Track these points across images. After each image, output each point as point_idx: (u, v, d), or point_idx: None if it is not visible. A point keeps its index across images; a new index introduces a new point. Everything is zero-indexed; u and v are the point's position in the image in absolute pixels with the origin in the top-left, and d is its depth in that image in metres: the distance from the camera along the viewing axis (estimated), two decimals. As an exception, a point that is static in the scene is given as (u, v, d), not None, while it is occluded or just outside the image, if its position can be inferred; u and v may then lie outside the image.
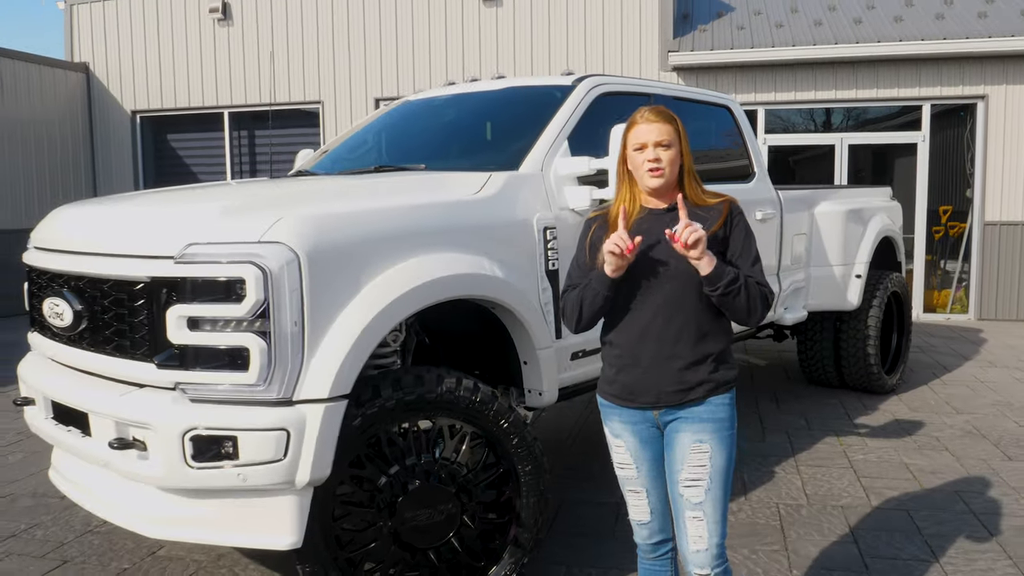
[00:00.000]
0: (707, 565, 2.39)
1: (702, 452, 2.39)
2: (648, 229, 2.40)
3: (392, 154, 4.27)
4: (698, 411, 2.40)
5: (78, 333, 3.00)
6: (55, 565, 3.64)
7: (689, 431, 2.40)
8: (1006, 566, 3.48)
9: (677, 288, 2.39)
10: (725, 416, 2.42)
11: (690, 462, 2.39)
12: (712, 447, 2.39)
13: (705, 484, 2.38)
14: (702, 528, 2.38)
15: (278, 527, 2.73)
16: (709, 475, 2.37)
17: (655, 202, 2.47)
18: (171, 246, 2.69)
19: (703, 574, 2.40)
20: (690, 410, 2.41)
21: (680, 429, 2.42)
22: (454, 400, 2.98)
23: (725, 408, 2.42)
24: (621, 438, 2.51)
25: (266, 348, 2.60)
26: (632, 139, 2.42)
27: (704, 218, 2.40)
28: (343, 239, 2.76)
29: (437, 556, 2.97)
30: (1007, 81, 9.72)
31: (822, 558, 3.58)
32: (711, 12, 11.05)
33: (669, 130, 2.39)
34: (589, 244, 2.50)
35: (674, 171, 2.41)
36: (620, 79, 4.37)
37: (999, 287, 9.98)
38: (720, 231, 2.43)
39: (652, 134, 2.38)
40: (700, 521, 2.38)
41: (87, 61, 12.57)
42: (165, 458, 2.67)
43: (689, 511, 2.39)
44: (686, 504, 2.40)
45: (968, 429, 5.45)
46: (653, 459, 2.50)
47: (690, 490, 2.38)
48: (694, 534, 2.39)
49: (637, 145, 2.40)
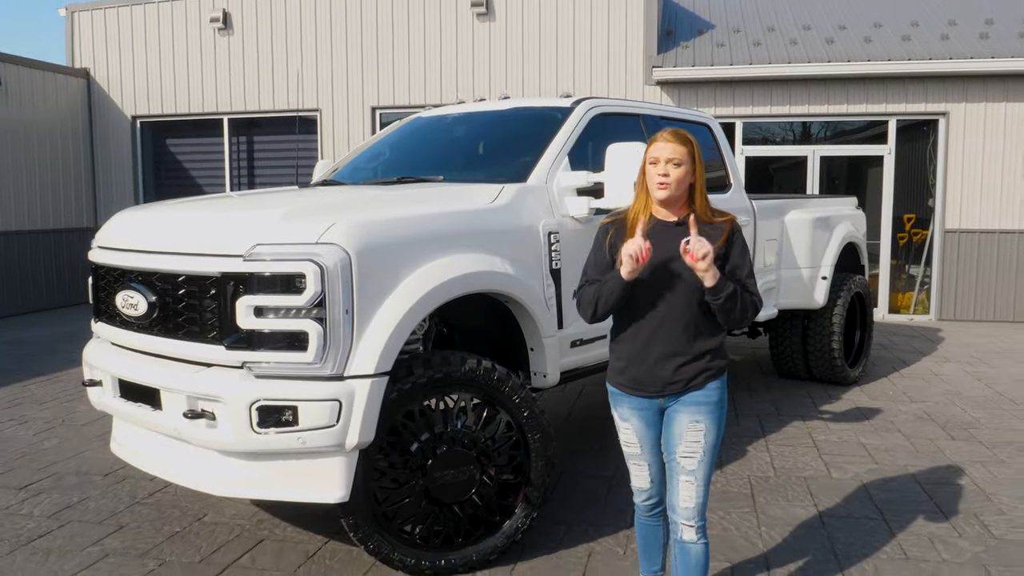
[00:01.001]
0: (692, 518, 2.82)
1: (698, 430, 2.79)
2: (657, 239, 2.73)
3: (410, 167, 4.77)
4: (696, 396, 2.81)
5: (150, 321, 3.49)
6: (113, 530, 4.11)
7: (687, 413, 2.80)
8: (940, 521, 4.05)
9: (682, 294, 2.76)
10: (718, 399, 2.82)
11: (687, 439, 2.80)
12: (706, 426, 2.80)
13: (699, 456, 2.79)
14: (692, 489, 2.81)
15: (329, 484, 3.24)
16: (703, 448, 2.79)
17: (665, 213, 2.81)
18: (240, 246, 3.19)
19: (689, 524, 2.83)
20: (690, 395, 2.81)
21: (679, 411, 2.82)
22: (475, 378, 3.50)
23: (718, 392, 2.82)
24: (629, 422, 2.91)
25: (322, 332, 3.11)
26: (650, 154, 2.76)
27: (709, 234, 2.72)
28: (385, 241, 3.28)
29: (461, 510, 3.49)
30: (966, 99, 10.39)
31: (786, 518, 4.15)
32: (693, 29, 11.66)
33: (682, 151, 2.72)
34: (608, 245, 2.84)
35: (681, 187, 2.74)
36: (613, 101, 4.92)
37: (958, 290, 10.65)
38: (723, 247, 2.75)
39: (666, 152, 2.71)
40: (691, 484, 2.81)
41: (88, 67, 12.95)
42: (234, 426, 3.17)
43: (683, 476, 2.81)
44: (681, 470, 2.81)
45: (920, 415, 6.05)
46: (654, 439, 2.91)
47: (686, 460, 2.80)
48: (685, 494, 2.81)
49: (652, 159, 2.75)
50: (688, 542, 2.85)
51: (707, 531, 2.89)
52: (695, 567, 2.85)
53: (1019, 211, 10.41)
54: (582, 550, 3.79)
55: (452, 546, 3.54)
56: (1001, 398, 6.58)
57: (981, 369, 7.68)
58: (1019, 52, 10.07)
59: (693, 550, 2.85)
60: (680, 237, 2.69)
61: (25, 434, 5.75)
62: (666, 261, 2.75)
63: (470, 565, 3.54)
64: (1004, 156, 10.39)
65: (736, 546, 3.82)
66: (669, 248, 2.73)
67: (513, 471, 3.61)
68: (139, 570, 3.65)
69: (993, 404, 6.38)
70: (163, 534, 4.05)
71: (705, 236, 2.69)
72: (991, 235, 10.50)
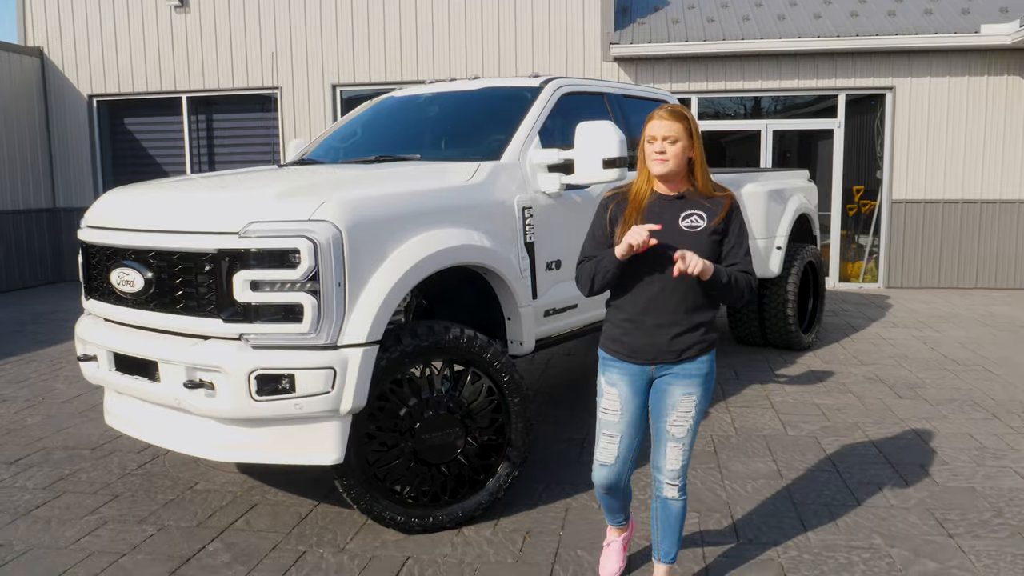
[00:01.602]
0: (676, 478, 2.98)
1: (690, 401, 2.92)
2: (659, 212, 2.86)
3: (386, 145, 4.93)
4: (688, 367, 2.92)
5: (146, 297, 3.64)
6: (108, 499, 4.26)
7: (680, 385, 2.92)
8: (888, 472, 4.39)
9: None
10: (708, 371, 2.95)
11: (680, 409, 2.92)
12: (698, 396, 2.93)
13: (689, 425, 2.94)
14: (679, 453, 2.96)
15: (324, 447, 3.44)
16: (692, 417, 2.94)
17: (665, 188, 2.90)
18: (235, 224, 3.35)
19: (672, 484, 2.98)
20: (682, 367, 2.91)
21: (671, 383, 2.93)
22: (458, 346, 3.72)
23: (708, 364, 2.95)
24: (616, 387, 2.99)
25: (316, 304, 3.29)
26: (647, 131, 2.85)
27: (708, 208, 2.86)
28: (373, 217, 3.46)
29: (447, 470, 3.72)
30: (912, 74, 10.80)
31: (747, 471, 4.45)
32: (648, 6, 11.88)
33: (678, 127, 2.80)
34: (609, 219, 2.94)
35: (679, 162, 2.83)
36: (579, 80, 5.13)
37: (904, 258, 11.12)
38: (720, 224, 2.86)
39: (662, 129, 2.80)
40: (678, 449, 2.96)
41: (41, 45, 12.74)
42: (233, 394, 3.35)
43: (672, 442, 2.95)
44: (670, 438, 2.95)
45: (870, 376, 6.43)
46: (637, 408, 2.99)
47: (676, 428, 2.93)
48: (672, 457, 2.96)
49: (649, 137, 2.84)
50: (669, 499, 3.02)
51: (687, 489, 3.10)
52: (674, 521, 3.05)
53: (962, 181, 10.89)
54: (559, 505, 4.05)
55: (439, 504, 3.76)
56: (945, 359, 6.99)
57: (926, 333, 8.11)
58: (962, 28, 10.49)
59: (674, 507, 3.03)
60: (679, 211, 2.85)
61: (6, 412, 5.83)
62: (667, 237, 2.82)
63: (456, 521, 3.77)
64: (948, 128, 10.84)
65: (702, 498, 4.12)
66: (668, 221, 2.84)
67: (495, 433, 3.84)
68: (139, 535, 3.81)
69: (937, 365, 6.78)
70: (157, 502, 4.21)
71: (704, 211, 2.85)
72: (936, 205, 10.97)
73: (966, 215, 10.93)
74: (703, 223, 2.86)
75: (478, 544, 3.65)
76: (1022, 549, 3.52)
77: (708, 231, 2.85)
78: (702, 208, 2.85)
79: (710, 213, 2.85)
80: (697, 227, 2.86)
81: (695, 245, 2.81)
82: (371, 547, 3.64)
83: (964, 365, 6.78)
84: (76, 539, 3.79)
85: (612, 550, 3.36)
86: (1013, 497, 4.07)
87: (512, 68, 11.32)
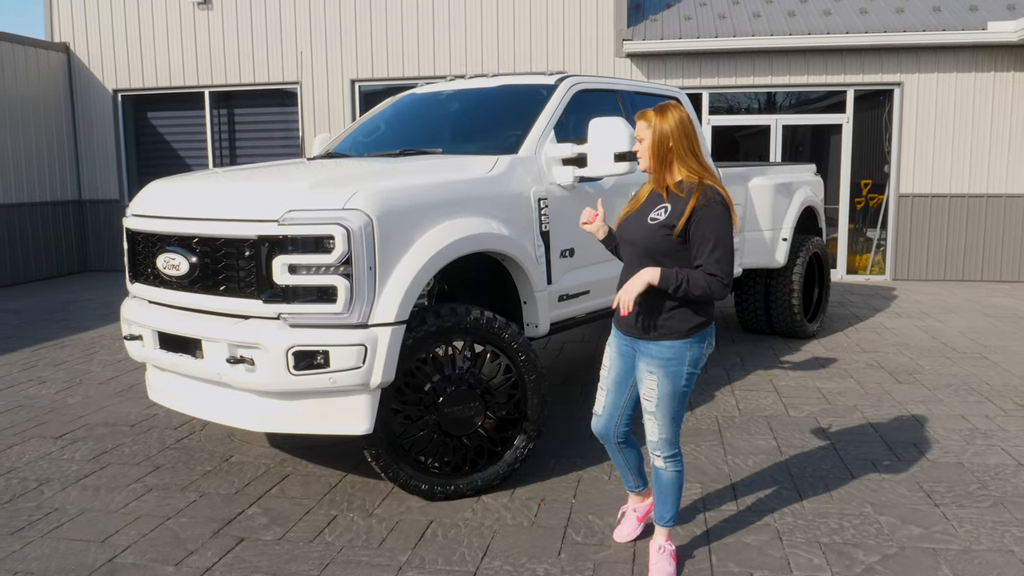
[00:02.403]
0: (657, 449, 3.20)
1: (651, 380, 3.12)
2: (645, 204, 3.15)
3: (409, 140, 5.21)
4: (651, 349, 3.12)
5: (191, 280, 3.94)
6: (151, 469, 4.58)
7: (644, 363, 3.15)
8: (882, 449, 4.65)
9: (638, 254, 3.10)
10: (670, 356, 3.06)
11: (644, 385, 3.16)
12: (659, 379, 3.10)
13: (655, 402, 3.13)
14: (654, 425, 3.18)
15: (355, 418, 3.73)
16: (657, 396, 3.12)
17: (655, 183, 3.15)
18: (274, 212, 3.64)
19: (656, 454, 3.21)
20: (647, 346, 3.13)
21: (639, 358, 3.18)
22: (479, 327, 4.00)
23: (671, 350, 3.06)
24: (610, 347, 3.37)
25: (349, 286, 3.58)
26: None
27: (674, 205, 3.03)
28: (401, 206, 3.75)
29: (468, 441, 4.01)
30: (920, 70, 10.99)
31: (749, 448, 4.72)
32: (660, 3, 12.10)
33: (641, 126, 3.09)
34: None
35: (650, 160, 3.08)
36: (592, 78, 5.39)
37: (911, 251, 11.33)
38: (678, 222, 2.99)
39: (636, 132, 3.15)
40: (652, 422, 3.17)
41: (67, 41, 13.09)
42: (272, 369, 3.64)
43: (646, 414, 3.19)
44: (644, 409, 3.19)
45: (871, 363, 6.68)
46: (621, 368, 3.31)
47: (646, 402, 3.17)
48: (650, 429, 3.20)
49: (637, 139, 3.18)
50: (657, 468, 3.25)
51: (680, 462, 3.23)
52: (664, 488, 3.26)
53: (968, 176, 11.08)
54: (572, 477, 4.33)
55: (460, 473, 4.05)
56: (945, 348, 7.22)
57: (929, 323, 8.34)
58: (969, 24, 10.67)
59: (663, 475, 3.24)
60: (653, 204, 3.11)
61: (47, 392, 6.16)
62: (631, 223, 3.16)
63: (476, 489, 4.06)
64: (954, 124, 11.02)
65: (706, 470, 4.39)
66: (643, 211, 3.13)
67: (512, 408, 4.13)
68: (183, 501, 4.12)
69: (937, 353, 7.02)
70: (197, 472, 4.52)
71: (671, 207, 3.03)
72: (942, 199, 11.17)
73: (972, 209, 11.12)
74: (661, 218, 3.04)
75: (496, 510, 3.93)
76: (1002, 517, 3.78)
77: (659, 225, 3.03)
78: (669, 203, 3.05)
79: (672, 210, 3.03)
80: (656, 221, 3.05)
81: (647, 237, 3.06)
82: (397, 512, 3.94)
83: (963, 353, 7.01)
84: (124, 504, 4.10)
85: (627, 518, 3.62)
86: (999, 472, 4.32)
87: (527, 64, 11.58)
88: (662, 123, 3.03)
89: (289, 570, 3.39)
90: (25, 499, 4.18)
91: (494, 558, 3.47)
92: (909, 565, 3.34)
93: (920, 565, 3.34)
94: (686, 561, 3.41)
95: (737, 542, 3.57)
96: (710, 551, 3.50)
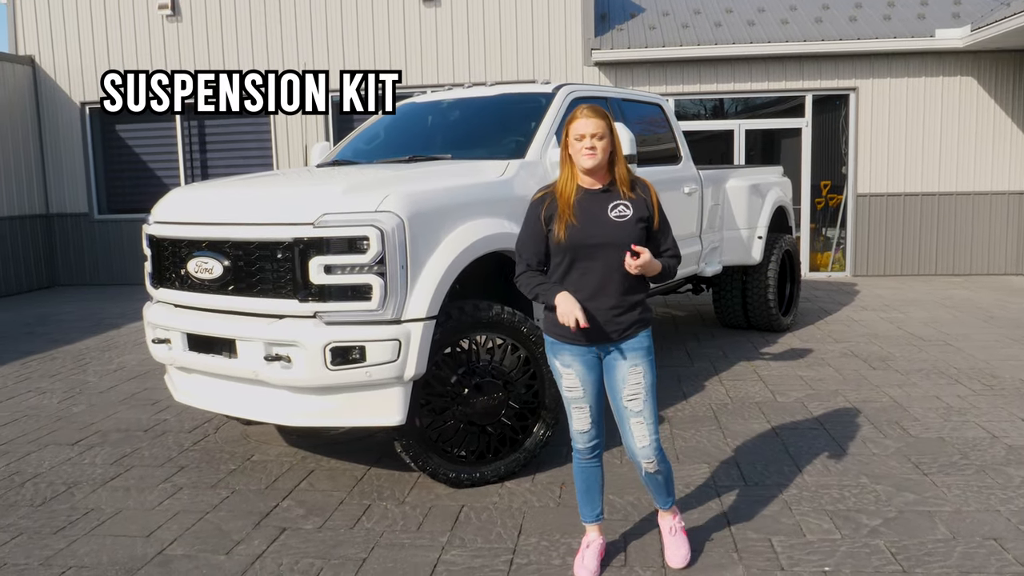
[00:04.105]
0: (651, 456, 3.17)
1: (638, 373, 3.13)
2: (587, 206, 3.09)
3: (414, 146, 5.42)
4: (631, 343, 3.14)
5: (223, 283, 4.10)
6: (176, 471, 4.71)
7: (626, 360, 3.14)
8: (868, 428, 5.00)
9: (612, 254, 3.06)
10: (648, 344, 3.18)
11: (630, 382, 3.13)
12: (644, 368, 3.14)
13: (643, 396, 3.13)
14: (644, 429, 3.15)
15: (389, 411, 3.93)
16: (644, 388, 3.13)
17: (590, 181, 3.12)
18: (309, 215, 3.84)
19: (649, 463, 3.18)
20: (625, 343, 3.14)
21: (618, 359, 3.15)
22: (500, 322, 4.24)
23: (648, 339, 3.18)
24: (571, 367, 3.18)
25: (383, 284, 3.79)
26: (573, 131, 3.05)
27: (632, 198, 3.11)
28: (429, 208, 3.98)
29: (492, 430, 4.24)
30: (873, 75, 11.53)
31: (746, 431, 5.04)
32: (625, 13, 12.49)
33: (603, 124, 3.03)
34: (545, 217, 3.15)
35: (605, 156, 3.07)
36: (585, 86, 5.69)
37: (869, 248, 11.86)
38: (645, 212, 3.12)
39: (589, 127, 3.01)
40: (642, 423, 3.14)
41: (33, 54, 12.98)
42: (309, 365, 3.83)
43: (633, 418, 3.15)
44: (630, 413, 3.14)
45: (845, 352, 7.07)
46: (595, 380, 3.21)
47: (632, 402, 3.13)
48: (639, 435, 3.15)
49: (577, 135, 3.04)
50: (652, 473, 3.24)
51: (666, 457, 3.27)
52: (664, 485, 3.33)
53: (921, 175, 11.65)
54: (586, 462, 4.59)
55: (484, 461, 4.28)
56: (911, 336, 7.66)
57: (893, 315, 8.79)
58: (918, 32, 11.24)
59: (659, 475, 3.27)
60: (605, 203, 3.10)
61: (50, 402, 6.22)
62: (595, 226, 3.06)
63: (500, 476, 4.29)
64: (907, 126, 11.59)
65: (711, 453, 4.68)
66: (597, 212, 3.09)
67: (531, 397, 4.37)
68: (216, 498, 4.27)
69: (905, 342, 7.45)
70: (223, 471, 4.66)
71: (629, 201, 3.10)
72: (897, 198, 11.72)
73: (925, 207, 11.69)
74: (629, 212, 3.09)
75: (521, 494, 4.17)
76: (985, 482, 4.13)
77: (635, 219, 3.09)
78: (627, 199, 3.10)
79: (635, 203, 3.10)
80: (625, 216, 3.08)
81: (626, 234, 3.06)
82: (427, 499, 4.15)
83: (928, 341, 7.45)
84: (159, 502, 4.24)
85: (591, 552, 3.36)
86: (976, 444, 4.70)
87: (499, 73, 11.85)
88: (611, 121, 3.11)
89: (337, 554, 3.59)
90: (57, 501, 4.29)
91: (529, 535, 3.70)
92: (909, 526, 3.67)
93: (919, 526, 3.66)
94: (711, 533, 3.68)
95: (751, 513, 3.86)
96: (728, 521, 3.78)
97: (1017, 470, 4.29)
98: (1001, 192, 11.59)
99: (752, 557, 3.44)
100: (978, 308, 9.07)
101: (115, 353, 7.90)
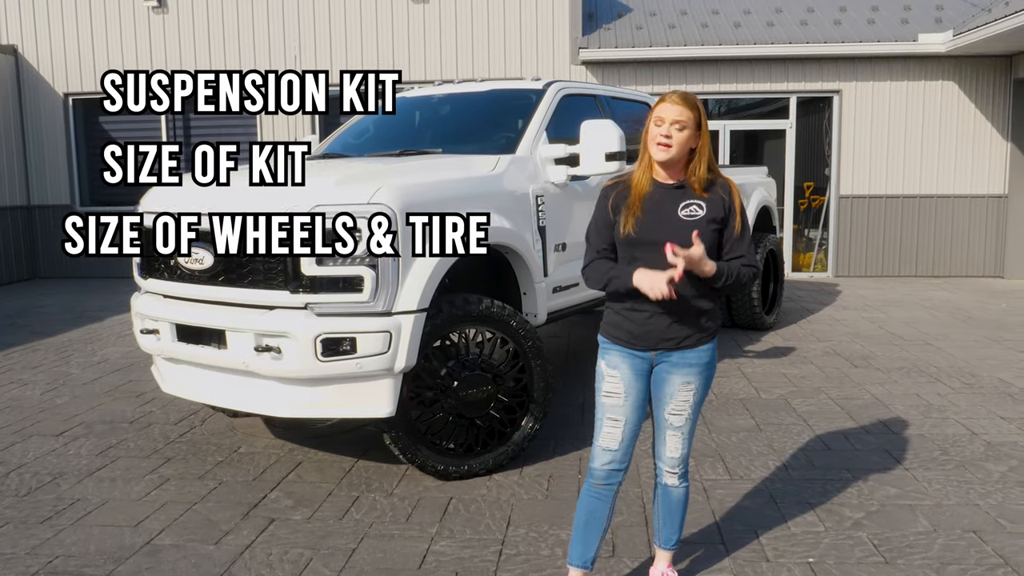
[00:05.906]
0: (676, 466, 2.98)
1: (688, 391, 2.87)
2: (658, 201, 2.79)
3: (405, 141, 5.43)
4: (688, 356, 2.84)
5: (214, 274, 4.10)
6: (162, 461, 4.70)
7: (679, 374, 2.85)
8: (851, 424, 5.07)
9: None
10: (708, 360, 2.87)
11: (678, 398, 2.88)
12: (696, 386, 2.87)
13: (687, 414, 2.90)
14: (678, 442, 2.95)
15: (379, 402, 3.95)
16: (691, 407, 2.89)
17: (664, 175, 2.80)
18: (302, 206, 3.84)
19: (673, 471, 2.99)
20: (681, 354, 2.84)
21: (671, 371, 2.86)
22: (489, 315, 4.27)
23: (709, 353, 2.87)
24: (618, 370, 2.88)
25: (375, 276, 3.80)
26: (656, 113, 2.71)
27: (707, 197, 2.78)
28: (420, 201, 3.99)
29: (481, 423, 4.27)
30: (857, 78, 11.66)
31: (730, 426, 5.09)
32: (612, 13, 12.55)
33: (689, 115, 2.69)
34: (612, 207, 2.86)
35: (682, 151, 2.72)
36: (574, 83, 5.72)
37: (851, 249, 11.98)
38: (721, 214, 2.79)
39: (672, 113, 2.68)
40: (677, 438, 2.94)
41: (15, 44, 12.85)
42: (300, 356, 3.84)
43: (671, 431, 2.93)
44: (669, 426, 2.92)
45: (827, 350, 7.15)
46: (641, 390, 2.89)
47: (674, 417, 2.91)
48: (672, 446, 2.95)
49: (657, 119, 2.71)
50: (670, 486, 3.03)
51: (689, 477, 3.08)
52: (675, 508, 3.06)
53: (902, 178, 11.78)
54: (573, 456, 4.63)
55: (473, 454, 4.31)
56: (892, 336, 7.76)
57: (874, 315, 8.90)
58: (901, 36, 11.36)
59: (675, 493, 3.04)
60: (677, 200, 2.79)
61: (33, 393, 6.18)
62: (668, 227, 2.77)
63: (488, 469, 4.32)
64: (889, 128, 11.72)
65: (696, 447, 4.73)
66: (667, 209, 2.79)
67: (520, 391, 4.40)
68: (203, 489, 4.27)
69: (886, 341, 7.54)
70: (210, 463, 4.66)
71: (703, 201, 2.78)
72: (879, 200, 11.85)
73: (906, 209, 11.83)
74: (702, 213, 2.77)
75: (509, 487, 4.20)
76: (965, 477, 4.21)
77: (706, 220, 2.77)
78: (701, 198, 2.78)
79: (709, 203, 2.78)
80: (696, 216, 2.77)
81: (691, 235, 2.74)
82: (416, 491, 4.17)
83: (909, 340, 7.55)
84: (146, 493, 4.23)
85: None
86: (956, 440, 4.78)
87: (486, 72, 11.86)
88: (703, 115, 2.77)
89: (327, 544, 3.60)
90: (43, 491, 4.27)
91: (518, 527, 3.73)
92: (891, 518, 3.73)
93: (901, 519, 3.73)
94: (698, 526, 3.72)
95: (736, 505, 3.91)
96: (713, 514, 3.83)
97: (996, 465, 4.37)
98: (980, 196, 11.75)
99: (738, 549, 3.49)
100: (957, 309, 9.20)
101: (98, 345, 7.86)
